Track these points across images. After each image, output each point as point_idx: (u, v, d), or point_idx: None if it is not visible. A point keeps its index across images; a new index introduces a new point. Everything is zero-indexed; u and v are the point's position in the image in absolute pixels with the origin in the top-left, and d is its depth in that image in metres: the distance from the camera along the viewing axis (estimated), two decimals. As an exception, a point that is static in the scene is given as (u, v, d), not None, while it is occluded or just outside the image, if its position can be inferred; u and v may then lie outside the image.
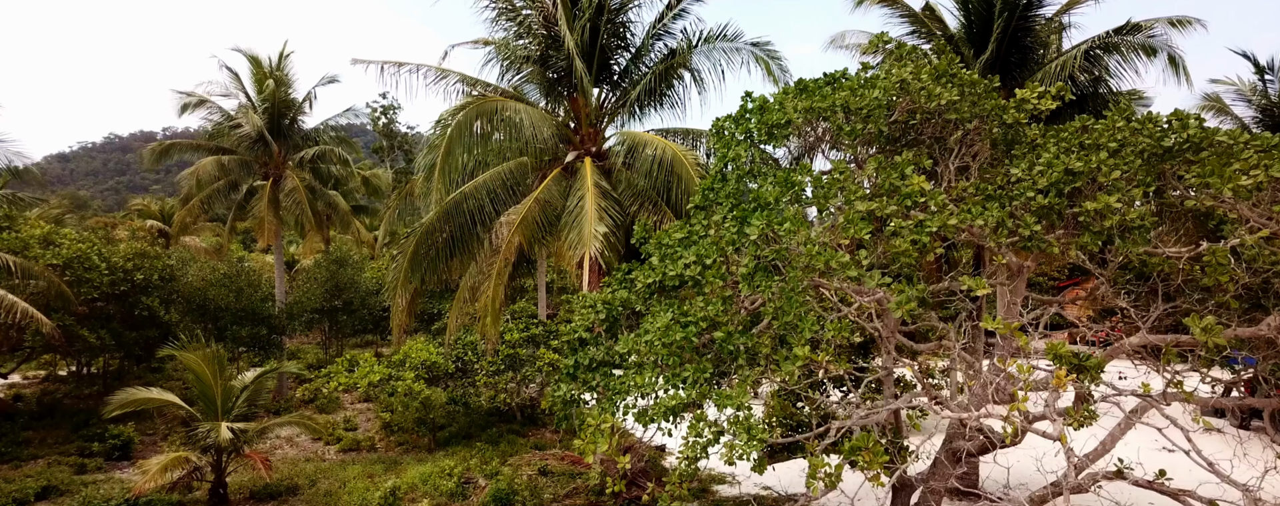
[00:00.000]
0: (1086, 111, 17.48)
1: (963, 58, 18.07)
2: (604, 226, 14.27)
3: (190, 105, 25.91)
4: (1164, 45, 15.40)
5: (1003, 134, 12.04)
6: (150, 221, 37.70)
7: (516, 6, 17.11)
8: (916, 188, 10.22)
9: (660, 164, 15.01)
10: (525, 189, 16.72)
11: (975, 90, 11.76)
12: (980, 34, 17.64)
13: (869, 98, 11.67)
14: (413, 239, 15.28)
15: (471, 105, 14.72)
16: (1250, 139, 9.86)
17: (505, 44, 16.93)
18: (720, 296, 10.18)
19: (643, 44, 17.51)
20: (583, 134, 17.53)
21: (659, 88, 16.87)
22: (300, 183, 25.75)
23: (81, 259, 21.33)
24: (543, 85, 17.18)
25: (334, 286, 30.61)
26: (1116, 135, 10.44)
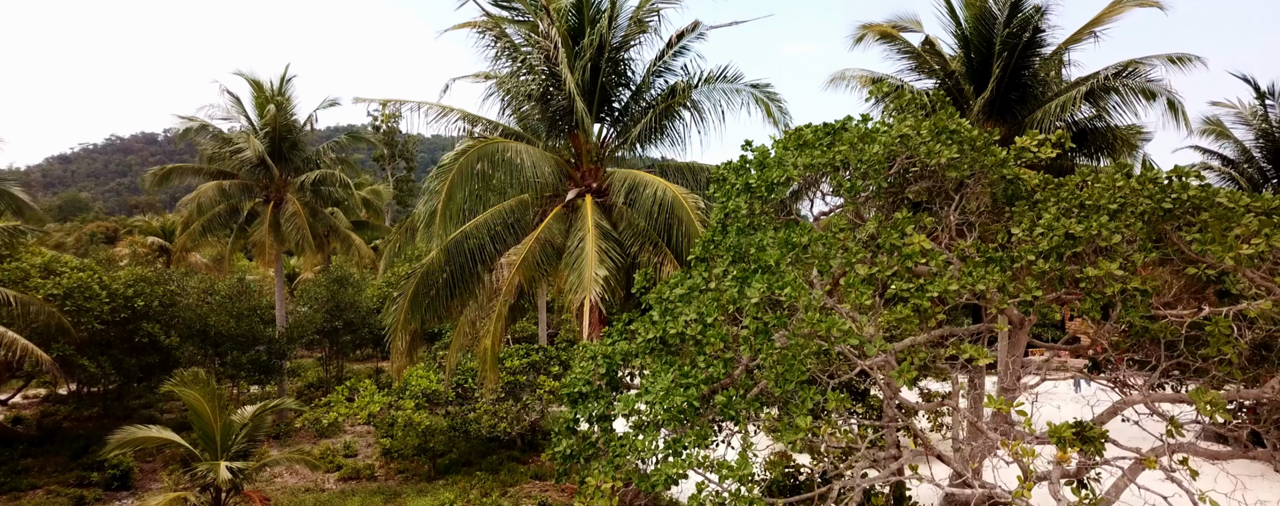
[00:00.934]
0: (1087, 147, 17.50)
1: (963, 93, 18.08)
2: (604, 270, 14.26)
3: (191, 130, 25.92)
4: (1163, 90, 15.41)
5: (1003, 188, 12.03)
6: (151, 238, 37.71)
7: (516, 44, 17.11)
8: (917, 247, 10.22)
9: (661, 205, 15.01)
10: (526, 226, 16.72)
11: (975, 146, 11.75)
12: (980, 70, 17.65)
13: (869, 153, 11.66)
14: (413, 280, 15.27)
15: (473, 149, 14.72)
16: (1250, 202, 9.87)
17: (506, 80, 16.93)
18: (722, 359, 10.18)
19: (643, 81, 17.52)
20: (584, 170, 17.53)
21: (659, 126, 16.89)
22: (301, 206, 25.76)
23: (82, 288, 21.34)
24: (544, 122, 17.19)
25: (334, 307, 30.61)
26: (1117, 195, 10.45)
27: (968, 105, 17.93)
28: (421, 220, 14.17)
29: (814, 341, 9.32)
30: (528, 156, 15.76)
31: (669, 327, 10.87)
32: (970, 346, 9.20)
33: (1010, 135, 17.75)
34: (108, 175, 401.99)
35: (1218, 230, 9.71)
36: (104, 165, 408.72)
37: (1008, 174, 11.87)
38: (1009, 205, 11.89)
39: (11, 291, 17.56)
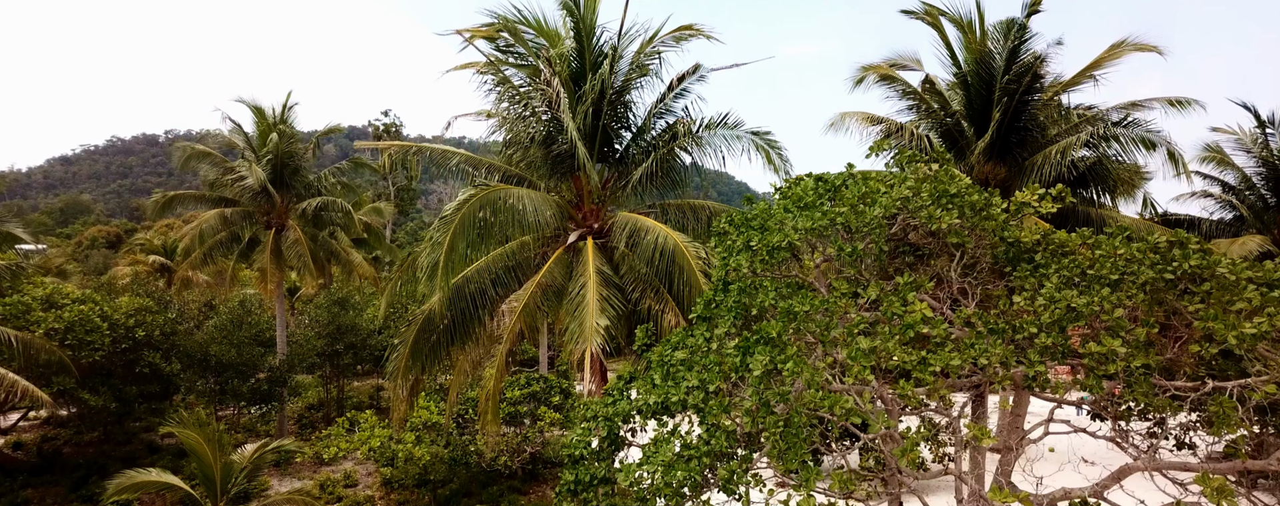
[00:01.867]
0: (1089, 189, 17.49)
1: (964, 134, 18.09)
2: (605, 319, 14.25)
3: (194, 157, 25.94)
4: (1162, 140, 15.42)
5: (1004, 250, 12.03)
6: (153, 256, 37.72)
7: (517, 85, 17.09)
8: (919, 316, 10.21)
9: (662, 253, 14.99)
10: (528, 269, 16.71)
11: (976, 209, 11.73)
12: (981, 111, 17.66)
13: (870, 215, 11.65)
14: (413, 327, 15.27)
15: (475, 197, 14.71)
16: (1253, 274, 9.87)
17: (508, 122, 16.93)
18: (726, 431, 10.18)
19: (644, 123, 17.52)
20: (585, 211, 17.53)
21: (661, 169, 16.87)
22: (303, 233, 25.78)
23: (83, 321, 21.34)
24: (546, 163, 17.17)
25: (335, 329, 30.59)
26: (1118, 264, 10.45)
27: (968, 146, 17.94)
28: (424, 272, 14.15)
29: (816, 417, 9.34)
30: (530, 202, 15.76)
31: (671, 394, 10.88)
32: (973, 426, 9.19)
33: (1010, 177, 17.78)
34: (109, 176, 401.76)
35: (1220, 304, 9.71)
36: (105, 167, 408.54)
37: (1010, 236, 11.86)
38: (1010, 265, 11.89)
39: (13, 331, 17.56)
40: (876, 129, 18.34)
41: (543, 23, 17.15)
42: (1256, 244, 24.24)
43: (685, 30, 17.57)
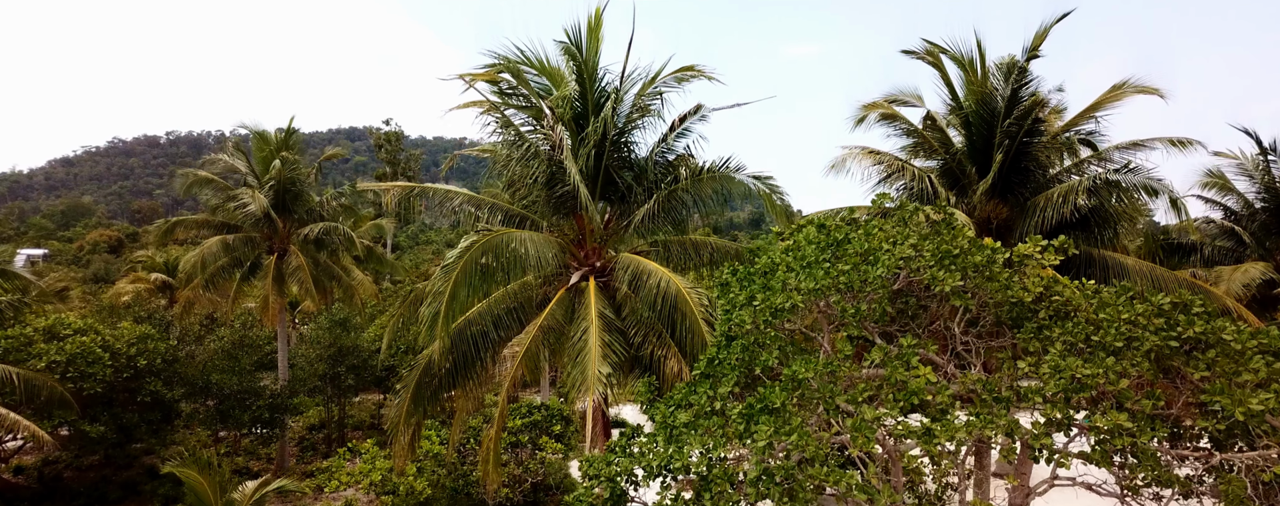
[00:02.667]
0: (1091, 229, 17.47)
1: (965, 173, 18.07)
2: (608, 366, 14.24)
3: (197, 183, 25.99)
4: (1165, 189, 15.41)
5: (1007, 310, 12.01)
6: (155, 274, 37.73)
7: (519, 125, 17.09)
8: (923, 383, 10.20)
9: (664, 297, 14.97)
10: (530, 310, 16.71)
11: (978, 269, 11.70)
12: (982, 150, 17.67)
13: (873, 275, 11.65)
14: (415, 373, 15.27)
15: (477, 244, 14.70)
16: (1258, 343, 9.85)
17: (510, 165, 16.92)
18: (729, 501, 10.17)
19: (646, 163, 17.53)
20: (587, 249, 17.53)
21: (661, 211, 16.87)
22: (305, 260, 25.79)
23: (85, 354, 21.32)
24: (548, 204, 17.18)
25: (336, 352, 30.55)
26: (1122, 329, 10.43)
27: (970, 185, 17.94)
28: (424, 322, 14.12)
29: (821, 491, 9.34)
30: (532, 245, 15.75)
31: (675, 459, 10.87)
32: (979, 500, 9.18)
33: (1013, 216, 17.77)
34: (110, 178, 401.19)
35: (1226, 375, 9.71)
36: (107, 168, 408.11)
37: (1013, 296, 11.83)
38: (1014, 326, 11.88)
39: (14, 369, 17.55)
40: (878, 168, 18.32)
41: (545, 62, 17.16)
42: (1259, 272, 24.19)
43: (687, 71, 17.58)
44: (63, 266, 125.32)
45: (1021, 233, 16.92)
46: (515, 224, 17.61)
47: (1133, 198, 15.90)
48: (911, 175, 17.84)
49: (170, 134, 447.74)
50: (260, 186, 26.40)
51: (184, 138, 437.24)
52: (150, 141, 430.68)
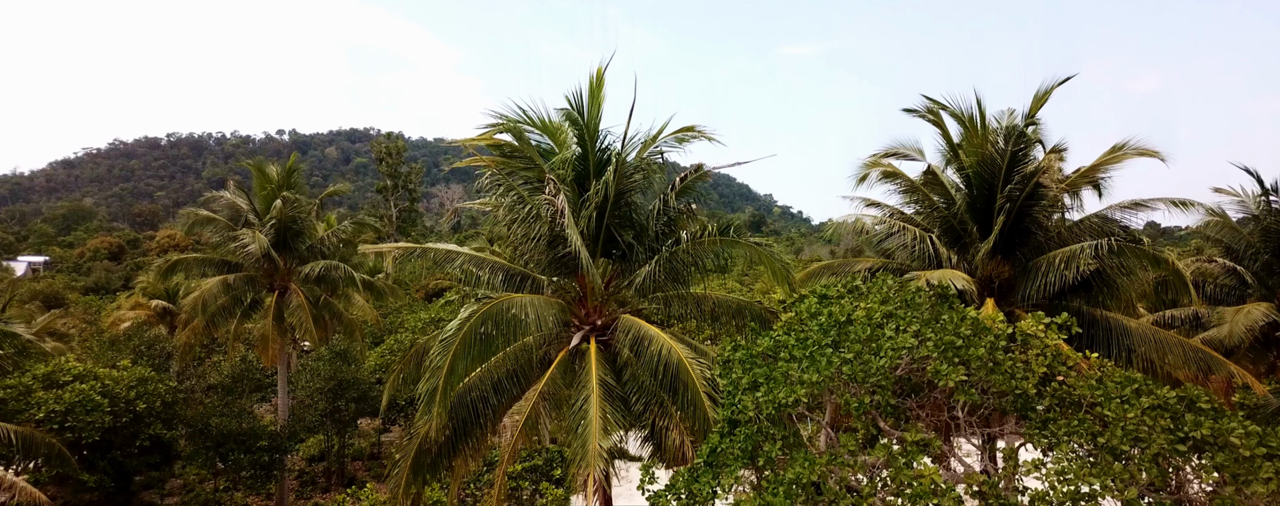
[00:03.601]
0: (1092, 289, 17.42)
1: (967, 231, 18.03)
2: (609, 440, 14.20)
3: (198, 223, 26.01)
4: (1168, 261, 15.35)
5: (1011, 400, 11.96)
6: (156, 301, 37.70)
7: (519, 184, 17.05)
8: (929, 484, 10.17)
9: (665, 366, 14.92)
10: (530, 374, 16.68)
11: (983, 363, 11.65)
12: (983, 212, 17.65)
13: (876, 365, 11.62)
14: (413, 443, 15.23)
15: (477, 313, 14.67)
16: (1269, 448, 9.83)
17: (513, 223, 16.89)
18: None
19: (647, 222, 17.50)
20: (588, 308, 17.50)
21: (662, 273, 16.84)
22: (305, 299, 25.78)
23: (84, 402, 21.28)
24: (549, 264, 17.15)
25: (336, 385, 30.51)
26: (1129, 429, 10.39)
27: (971, 243, 17.91)
28: (423, 398, 14.06)
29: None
30: (532, 309, 15.74)
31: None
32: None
33: (1015, 276, 17.73)
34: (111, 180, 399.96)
35: (1236, 482, 9.70)
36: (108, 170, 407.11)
37: (1017, 387, 11.78)
38: (1019, 416, 11.84)
39: (11, 427, 17.52)
40: (881, 227, 18.29)
41: (548, 122, 17.17)
42: (1261, 313, 24.11)
43: (687, 131, 17.59)
44: (64, 274, 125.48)
45: (1023, 294, 16.88)
46: (515, 282, 17.59)
47: (1135, 266, 15.87)
48: (913, 236, 17.81)
49: (171, 135, 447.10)
50: (261, 224, 26.39)
51: (185, 139, 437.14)
52: (151, 143, 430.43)
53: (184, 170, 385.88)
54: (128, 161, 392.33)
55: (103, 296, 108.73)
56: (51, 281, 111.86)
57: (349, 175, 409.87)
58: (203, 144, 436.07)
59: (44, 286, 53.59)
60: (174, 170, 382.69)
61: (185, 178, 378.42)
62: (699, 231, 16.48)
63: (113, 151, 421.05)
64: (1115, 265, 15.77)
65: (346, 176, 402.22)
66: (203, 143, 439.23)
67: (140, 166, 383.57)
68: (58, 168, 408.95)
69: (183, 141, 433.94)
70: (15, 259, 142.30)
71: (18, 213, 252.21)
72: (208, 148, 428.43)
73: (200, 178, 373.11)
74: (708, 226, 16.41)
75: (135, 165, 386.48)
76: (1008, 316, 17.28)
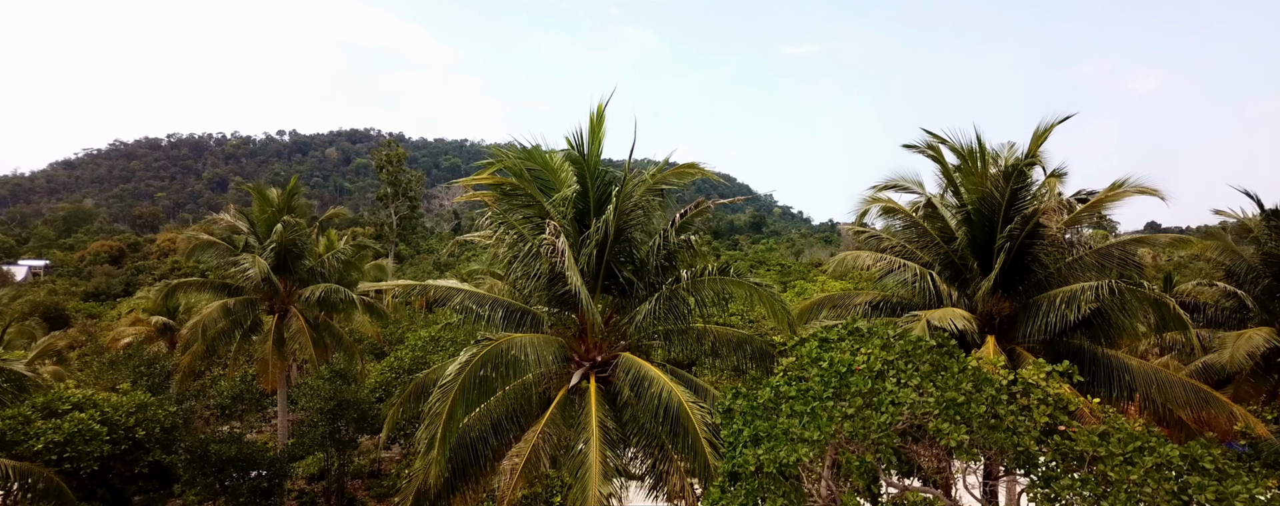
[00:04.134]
0: (1093, 326, 17.39)
1: (968, 267, 18.00)
2: (609, 487, 14.17)
3: (199, 247, 26.01)
4: (1172, 305, 15.31)
5: (1013, 456, 11.93)
6: (156, 317, 37.65)
7: (517, 222, 17.03)
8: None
9: (666, 409, 14.89)
10: (530, 413, 16.66)
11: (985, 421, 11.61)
12: (984, 247, 17.64)
13: (877, 422, 11.58)
14: (412, 485, 15.20)
15: (476, 357, 14.64)
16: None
17: (515, 262, 16.86)
18: None
19: (647, 258, 17.47)
20: (588, 344, 17.48)
21: (662, 311, 16.82)
22: (305, 324, 25.76)
23: (83, 432, 21.24)
24: (549, 302, 17.13)
25: (336, 405, 30.42)
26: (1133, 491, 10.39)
27: (972, 278, 17.87)
28: (421, 445, 14.03)
29: None
30: (531, 349, 15.74)
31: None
32: None
33: (1015, 311, 17.69)
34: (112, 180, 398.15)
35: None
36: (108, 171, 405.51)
37: (1020, 443, 11.74)
38: (1023, 473, 11.81)
39: (10, 462, 17.50)
40: (881, 263, 18.24)
41: (548, 161, 17.18)
42: (1263, 338, 24.04)
43: (688, 168, 17.61)
44: (64, 278, 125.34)
45: (1025, 332, 16.85)
46: (515, 317, 17.57)
47: (1136, 309, 15.85)
48: (913, 273, 17.77)
49: (171, 136, 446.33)
50: (261, 248, 26.37)
51: (185, 140, 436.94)
52: (151, 144, 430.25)
53: (184, 171, 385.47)
54: (128, 162, 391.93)
55: (103, 302, 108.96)
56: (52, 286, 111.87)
57: (349, 176, 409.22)
58: (203, 144, 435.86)
59: (45, 296, 53.47)
60: (174, 171, 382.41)
61: (186, 178, 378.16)
62: (700, 270, 16.44)
63: (113, 152, 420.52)
64: (1116, 305, 15.72)
65: (347, 177, 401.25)
66: (203, 143, 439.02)
67: (141, 167, 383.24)
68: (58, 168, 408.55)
69: (183, 142, 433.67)
70: (16, 263, 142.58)
71: (18, 214, 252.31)
72: (208, 148, 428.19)
73: (201, 178, 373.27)
74: (708, 264, 16.38)
75: (136, 166, 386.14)
76: (1009, 354, 17.27)
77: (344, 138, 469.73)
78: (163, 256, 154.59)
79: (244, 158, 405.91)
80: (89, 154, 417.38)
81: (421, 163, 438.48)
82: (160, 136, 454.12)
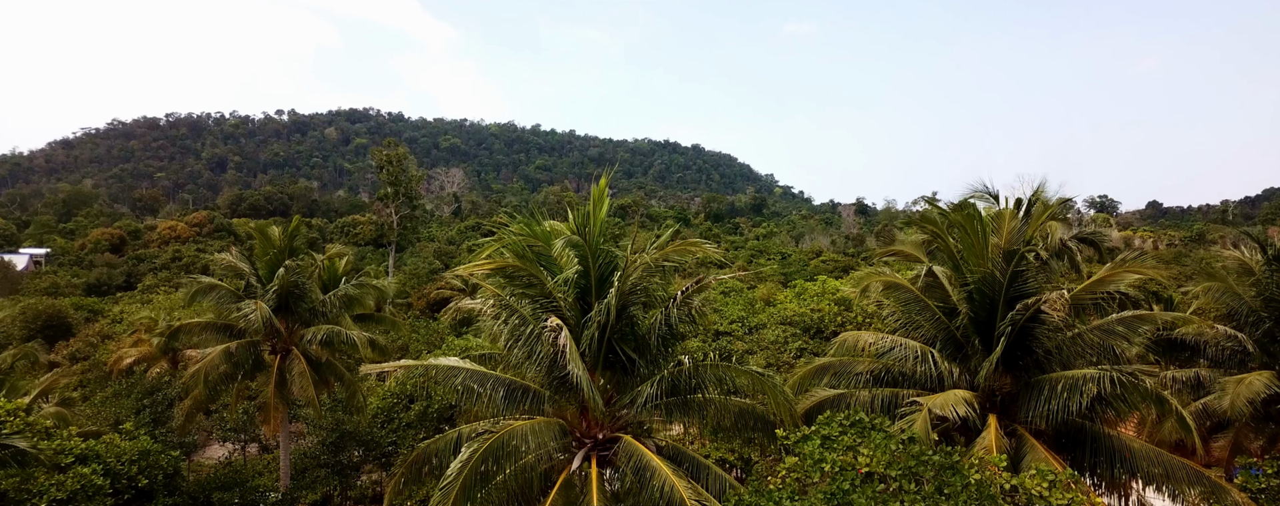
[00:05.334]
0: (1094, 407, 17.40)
1: (970, 343, 18.02)
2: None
3: (201, 291, 26.06)
4: (1168, 398, 15.36)
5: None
6: (157, 339, 37.74)
7: (521, 306, 17.02)
8: None
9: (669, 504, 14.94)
10: (531, 497, 16.71)
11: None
12: (985, 325, 17.63)
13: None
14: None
15: (477, 454, 14.72)
16: None
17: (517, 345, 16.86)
18: None
19: (649, 336, 17.48)
20: (589, 421, 17.54)
21: (664, 390, 16.85)
22: (307, 365, 25.86)
23: (85, 487, 21.36)
24: (550, 384, 17.16)
25: (340, 437, 30.66)
26: None
27: (974, 354, 17.89)
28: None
29: None
30: (533, 437, 15.85)
31: None
32: None
33: (1017, 390, 17.73)
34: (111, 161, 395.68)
35: None
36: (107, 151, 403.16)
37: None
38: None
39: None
40: (882, 343, 18.25)
41: (549, 245, 17.19)
42: (1263, 384, 24.03)
43: (690, 245, 17.63)
44: (66, 268, 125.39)
45: (1027, 414, 16.88)
46: (516, 397, 17.60)
47: (1135, 400, 15.88)
48: (915, 353, 17.78)
49: (170, 115, 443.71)
50: (263, 290, 26.40)
51: (183, 120, 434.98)
52: (150, 123, 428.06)
53: (183, 151, 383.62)
54: (127, 142, 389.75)
55: (104, 296, 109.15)
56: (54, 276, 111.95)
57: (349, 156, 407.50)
58: (202, 124, 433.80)
59: (45, 306, 53.53)
60: (173, 151, 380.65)
61: (185, 158, 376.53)
62: (701, 357, 16.47)
63: (112, 132, 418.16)
64: (1117, 394, 15.74)
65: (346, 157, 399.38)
66: (202, 123, 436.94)
67: (140, 147, 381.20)
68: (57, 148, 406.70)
69: (181, 122, 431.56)
70: (17, 251, 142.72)
71: (18, 196, 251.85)
72: (207, 128, 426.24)
73: (200, 158, 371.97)
74: (709, 353, 16.40)
75: (135, 146, 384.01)
76: (1011, 434, 17.33)
77: (343, 117, 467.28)
78: (163, 244, 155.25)
79: (243, 138, 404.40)
80: (87, 133, 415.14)
81: (421, 143, 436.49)
82: (159, 116, 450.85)
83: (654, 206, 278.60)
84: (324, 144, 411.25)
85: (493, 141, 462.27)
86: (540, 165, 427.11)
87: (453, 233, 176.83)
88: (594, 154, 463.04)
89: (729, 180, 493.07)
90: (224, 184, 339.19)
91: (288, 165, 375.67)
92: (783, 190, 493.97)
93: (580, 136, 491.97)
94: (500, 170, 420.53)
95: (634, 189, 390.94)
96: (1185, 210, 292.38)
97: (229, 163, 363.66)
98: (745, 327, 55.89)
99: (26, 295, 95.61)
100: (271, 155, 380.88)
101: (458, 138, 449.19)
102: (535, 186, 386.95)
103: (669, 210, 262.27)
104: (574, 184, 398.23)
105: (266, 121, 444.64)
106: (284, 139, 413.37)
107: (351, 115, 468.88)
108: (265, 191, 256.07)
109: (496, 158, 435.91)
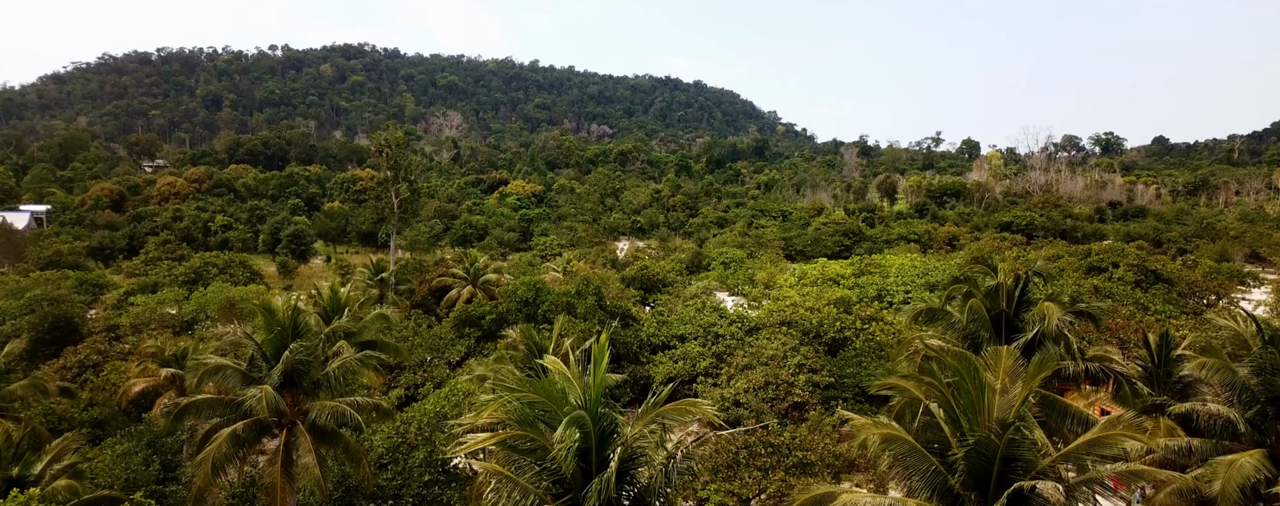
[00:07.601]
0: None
1: (968, 499, 18.43)
2: None
3: (207, 372, 26.41)
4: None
5: None
6: (165, 370, 38.28)
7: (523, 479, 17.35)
8: None
9: None
10: None
11: None
12: (981, 480, 17.97)
13: None
14: None
15: None
16: None
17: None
18: None
19: (650, 488, 17.87)
20: (592, 569, 18.04)
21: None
22: (312, 445, 26.36)
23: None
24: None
25: (345, 492, 31.36)
26: None
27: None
28: None
29: None
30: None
31: None
32: None
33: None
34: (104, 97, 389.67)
35: None
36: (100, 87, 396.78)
37: None
38: None
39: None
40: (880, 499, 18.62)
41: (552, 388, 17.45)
42: (1253, 467, 24.38)
43: (688, 405, 17.85)
44: (67, 230, 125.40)
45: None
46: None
47: None
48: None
49: (161, 50, 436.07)
50: (267, 368, 26.70)
51: (175, 55, 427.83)
52: (142, 58, 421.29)
53: (177, 87, 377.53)
54: (119, 78, 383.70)
55: (109, 264, 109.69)
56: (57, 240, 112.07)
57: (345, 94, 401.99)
58: (194, 59, 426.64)
59: (51, 308, 53.75)
60: (167, 88, 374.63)
61: (179, 95, 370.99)
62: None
63: (103, 67, 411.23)
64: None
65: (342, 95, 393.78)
66: (194, 58, 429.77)
67: (133, 83, 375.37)
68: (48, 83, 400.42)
69: (174, 57, 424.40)
70: (18, 209, 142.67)
71: (14, 137, 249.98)
72: (200, 63, 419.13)
73: (195, 96, 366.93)
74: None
75: (128, 81, 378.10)
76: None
77: (338, 53, 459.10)
78: (163, 201, 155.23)
79: (237, 74, 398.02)
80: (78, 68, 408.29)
81: (418, 80, 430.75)
82: (150, 51, 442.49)
83: (654, 151, 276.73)
84: (319, 81, 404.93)
85: (490, 78, 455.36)
86: (539, 103, 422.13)
87: (452, 189, 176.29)
88: (594, 91, 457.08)
89: (732, 118, 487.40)
90: (220, 123, 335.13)
91: (283, 103, 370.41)
92: (785, 128, 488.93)
93: (579, 73, 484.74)
94: (499, 108, 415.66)
95: (634, 129, 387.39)
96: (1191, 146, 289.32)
97: (224, 101, 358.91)
98: (744, 328, 56.23)
99: (29, 263, 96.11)
100: (266, 93, 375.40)
101: (455, 75, 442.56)
102: (534, 126, 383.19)
103: (670, 156, 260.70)
104: (574, 124, 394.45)
105: (260, 57, 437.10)
106: (279, 76, 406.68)
107: (346, 51, 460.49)
108: (262, 136, 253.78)
109: (495, 95, 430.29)
